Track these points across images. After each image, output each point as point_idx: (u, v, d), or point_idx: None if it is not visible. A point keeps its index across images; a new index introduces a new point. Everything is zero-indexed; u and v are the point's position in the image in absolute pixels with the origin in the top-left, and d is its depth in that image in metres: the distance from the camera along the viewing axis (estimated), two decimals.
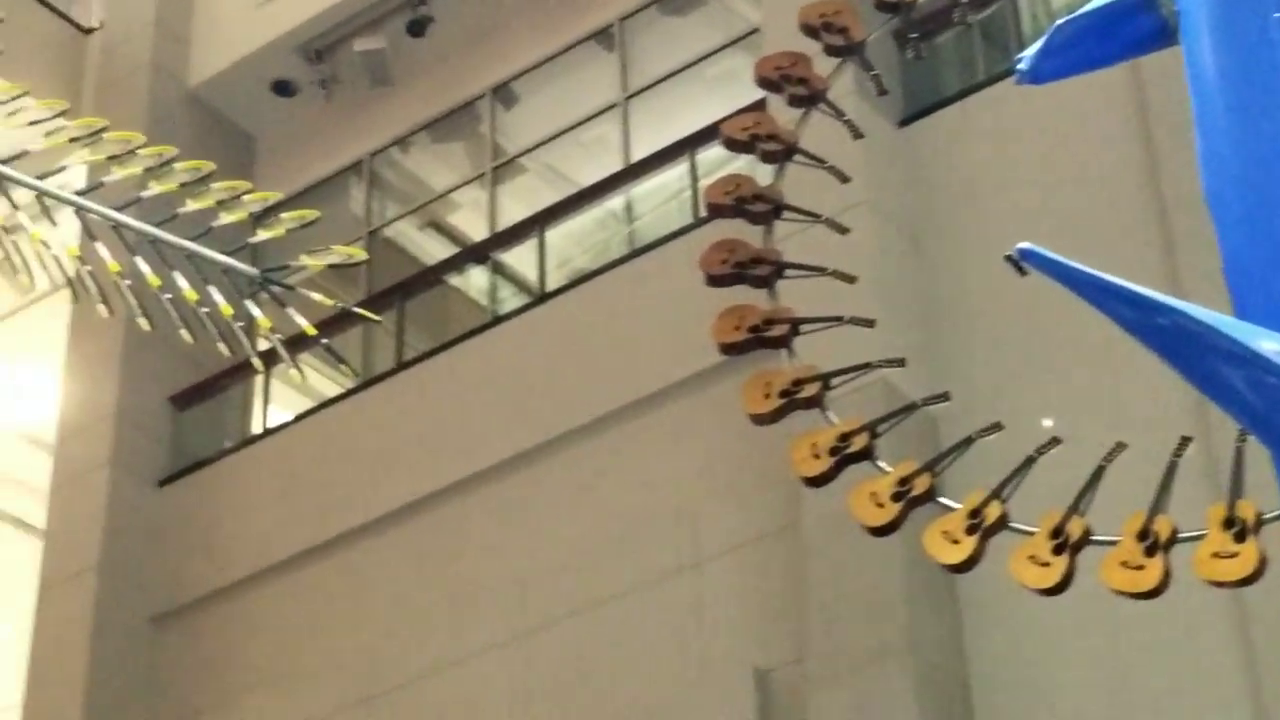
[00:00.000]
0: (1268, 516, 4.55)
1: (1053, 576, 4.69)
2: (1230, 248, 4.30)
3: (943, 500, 4.98)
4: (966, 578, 5.78)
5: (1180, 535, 4.62)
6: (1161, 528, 4.63)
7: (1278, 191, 4.16)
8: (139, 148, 6.69)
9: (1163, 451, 4.83)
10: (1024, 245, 4.04)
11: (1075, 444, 5.12)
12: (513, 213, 15.66)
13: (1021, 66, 5.18)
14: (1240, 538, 4.52)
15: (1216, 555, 4.54)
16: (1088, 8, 5.05)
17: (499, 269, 15.36)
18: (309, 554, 14.17)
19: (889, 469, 5.02)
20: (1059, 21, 5.12)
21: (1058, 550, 4.71)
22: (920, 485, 4.94)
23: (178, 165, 6.69)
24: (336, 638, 13.74)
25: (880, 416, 5.19)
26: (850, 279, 5.68)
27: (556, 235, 14.92)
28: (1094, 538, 4.74)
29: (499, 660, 12.65)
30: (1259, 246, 4.21)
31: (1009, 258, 4.05)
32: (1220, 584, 4.56)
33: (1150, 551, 4.60)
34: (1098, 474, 4.80)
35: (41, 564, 15.19)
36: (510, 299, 15.13)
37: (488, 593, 13.02)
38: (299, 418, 15.14)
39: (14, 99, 6.68)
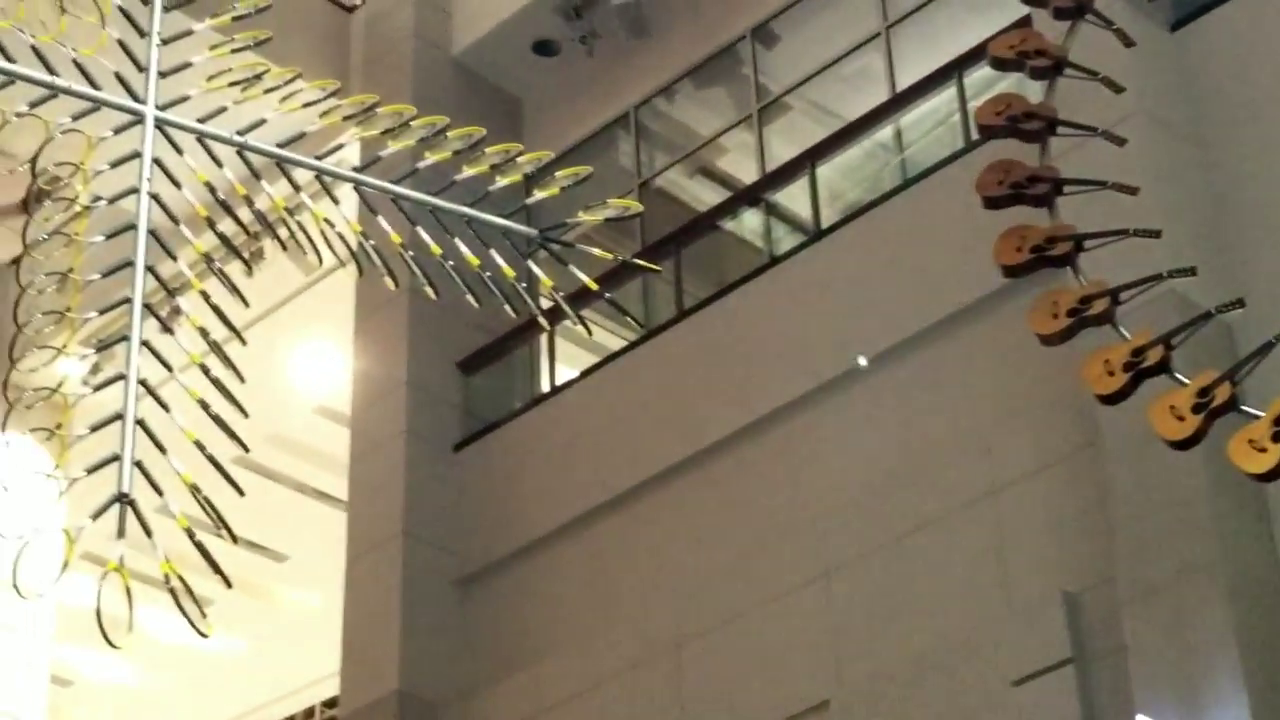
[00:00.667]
0: None
1: None
2: None
3: (1246, 409, 4.86)
4: (1276, 486, 5.64)
5: None
6: None
7: None
8: (411, 120, 6.78)
9: None
10: None
11: None
12: (781, 152, 15.59)
13: None
14: None
15: None
16: None
17: (772, 209, 15.32)
18: (604, 508, 14.31)
19: (1187, 381, 4.91)
20: None
21: None
22: (1221, 395, 4.83)
23: (449, 134, 6.77)
24: (637, 589, 13.87)
25: (1174, 328, 5.07)
26: (1132, 190, 5.56)
27: (827, 170, 14.82)
28: None
29: (801, 602, 12.65)
30: None
31: None
32: None
33: None
34: None
35: (347, 535, 15.56)
36: (785, 238, 15.08)
37: (785, 535, 13.03)
38: (585, 374, 15.27)
39: (288, 83, 6.81)
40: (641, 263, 7.55)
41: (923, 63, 14.58)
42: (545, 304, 7.35)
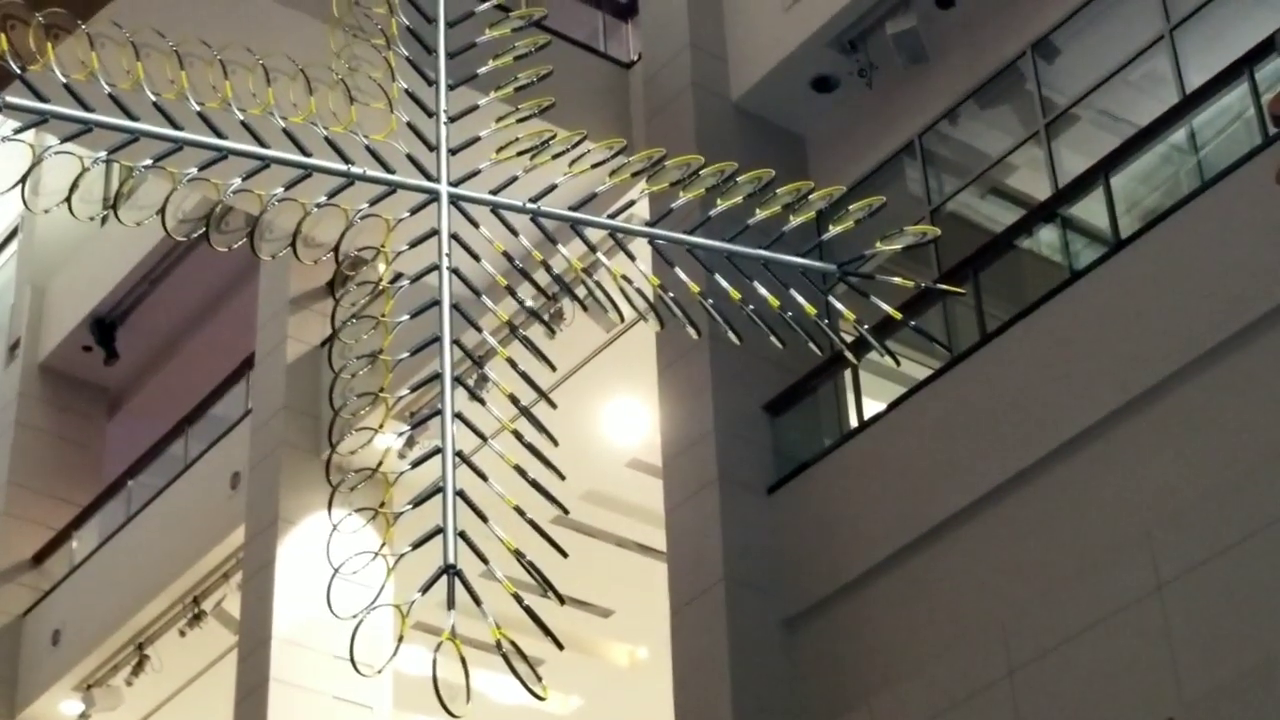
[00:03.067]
0: None
1: None
2: None
3: None
4: None
5: None
6: None
7: None
8: (700, 169, 6.84)
9: None
10: None
11: None
12: (1072, 164, 15.39)
13: None
14: None
15: None
16: None
17: (1068, 223, 15.10)
18: (923, 539, 14.20)
19: None
20: None
21: None
22: None
23: (739, 178, 6.81)
24: (963, 619, 13.73)
25: None
26: None
27: (1121, 179, 14.58)
28: None
29: (1135, 618, 12.41)
30: None
31: None
32: None
33: None
34: None
35: (669, 585, 15.66)
36: (1083, 251, 14.86)
37: (1111, 550, 12.79)
38: (892, 406, 15.19)
39: (574, 145, 6.92)
40: (944, 287, 7.50)
41: (1210, 61, 14.29)
42: (847, 338, 7.34)
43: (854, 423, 15.55)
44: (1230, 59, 13.72)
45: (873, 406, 15.51)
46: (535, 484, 6.42)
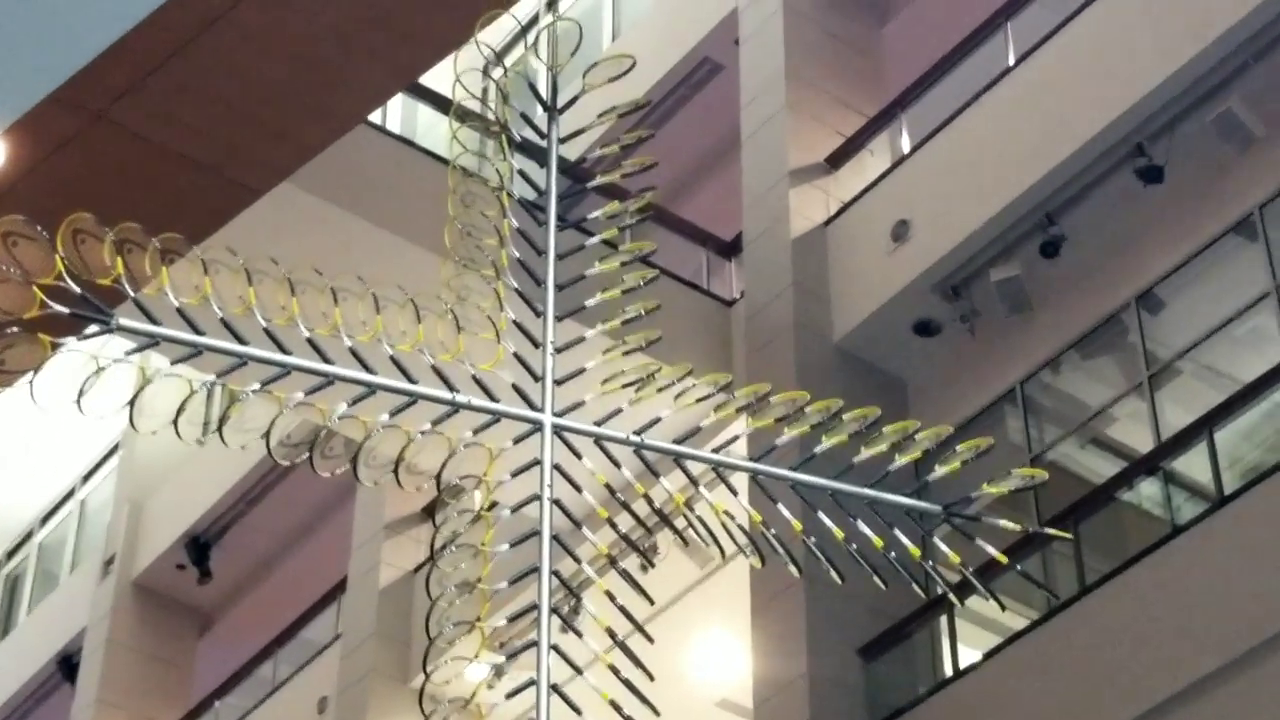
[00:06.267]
0: None
1: None
2: None
3: None
4: None
5: None
6: None
7: None
8: (805, 405, 6.83)
9: None
10: None
11: None
12: (1174, 418, 15.29)
13: None
14: None
15: None
16: None
17: (1170, 478, 14.97)
18: None
19: None
20: None
21: None
22: None
23: (845, 416, 6.80)
24: None
25: None
26: None
27: (1225, 434, 14.47)
28: None
29: None
30: None
31: None
32: None
33: None
34: None
35: None
36: (1184, 506, 14.71)
37: None
38: (989, 655, 14.99)
39: (679, 379, 6.94)
40: (1051, 531, 7.45)
41: None
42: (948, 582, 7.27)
43: (949, 670, 15.34)
44: None
45: (968, 655, 15.30)
46: (628, 719, 6.35)
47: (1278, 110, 15.20)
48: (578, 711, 6.06)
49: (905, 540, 6.74)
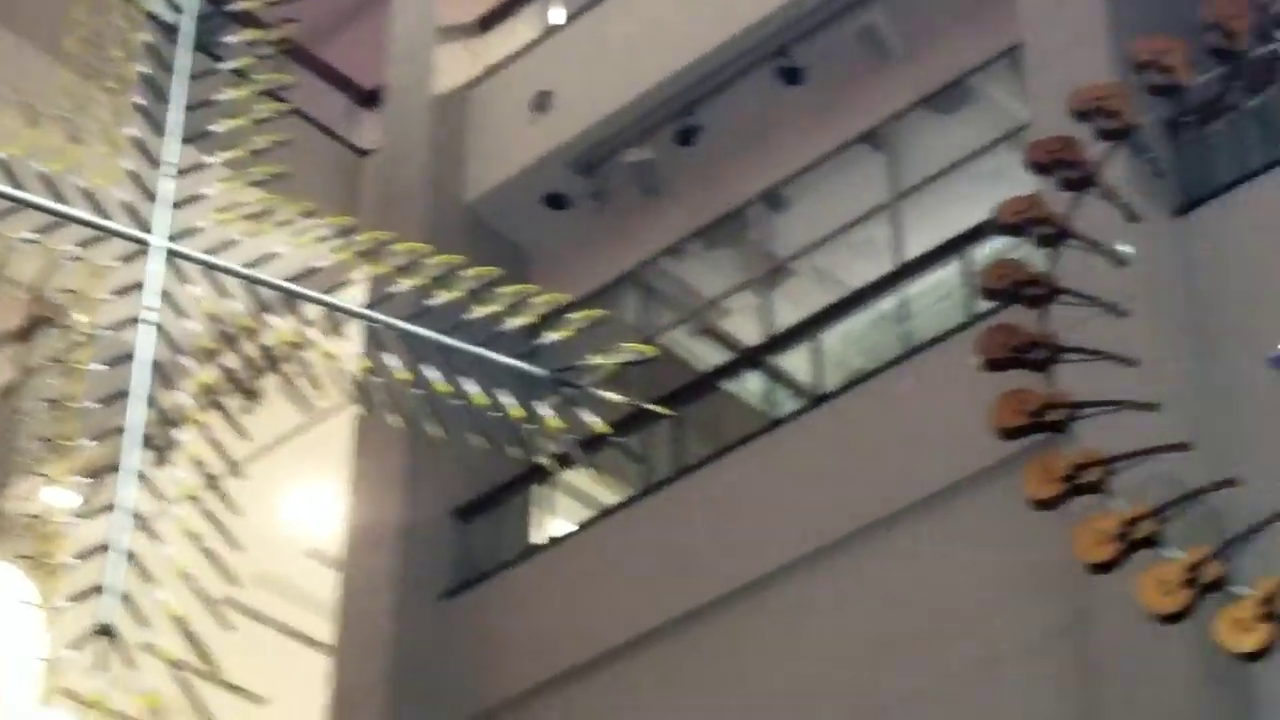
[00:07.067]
0: None
1: None
2: None
3: (1233, 588, 4.85)
4: (1267, 672, 5.60)
5: None
6: None
7: None
8: (424, 257, 6.79)
9: None
10: None
11: None
12: (786, 316, 15.66)
13: None
14: None
15: None
16: None
17: (774, 373, 15.34)
18: (593, 664, 14.19)
19: (1178, 555, 4.92)
20: None
21: None
22: (1211, 571, 4.84)
23: (463, 273, 6.78)
24: None
25: (1167, 501, 5.09)
26: (1132, 362, 5.59)
27: (831, 337, 14.87)
28: None
29: None
30: None
31: (1271, 359, 3.78)
32: None
33: None
34: None
35: (333, 681, 15.42)
36: (786, 403, 15.10)
37: (775, 702, 12.92)
38: (581, 527, 15.22)
39: (301, 218, 6.83)
40: (653, 407, 7.54)
41: (929, 235, 14.68)
42: (551, 450, 7.31)
43: (541, 539, 15.54)
44: (950, 234, 14.09)
45: (564, 527, 15.52)
46: (209, 552, 6.26)
47: (919, 31, 15.55)
48: (156, 539, 5.96)
49: (510, 400, 6.75)
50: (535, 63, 17.57)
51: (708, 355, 16.61)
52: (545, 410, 6.75)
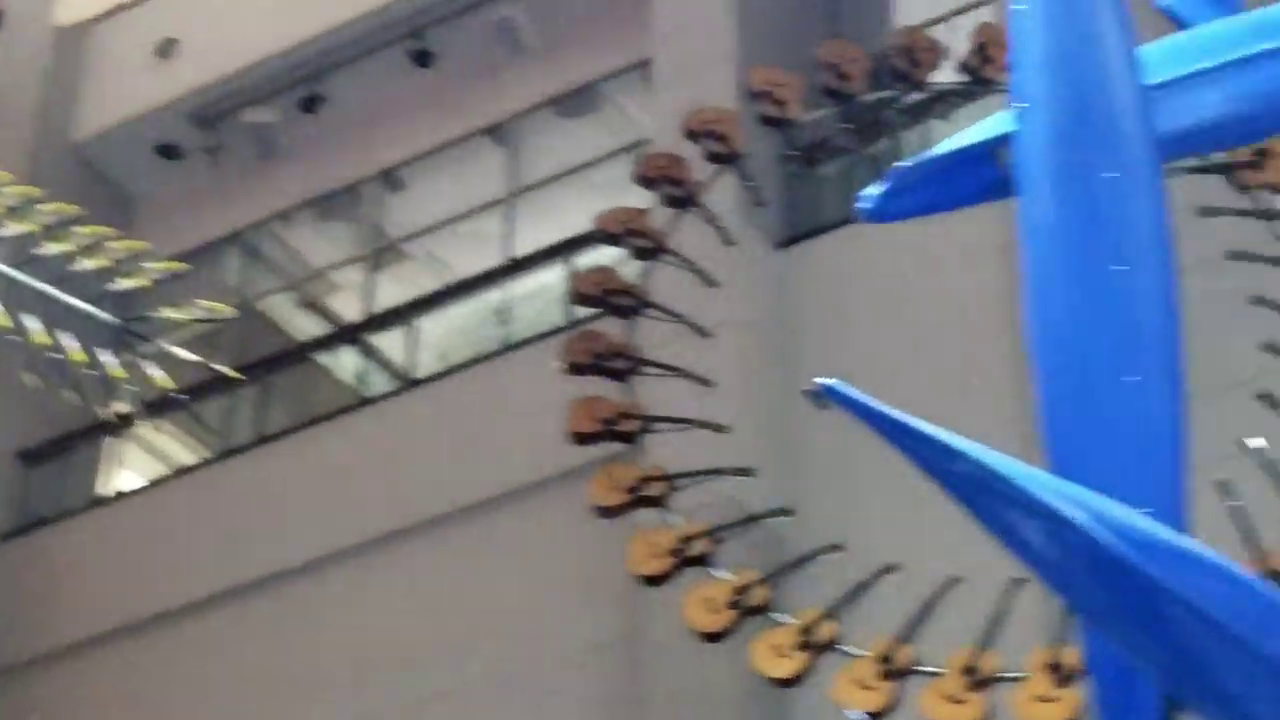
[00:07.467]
0: None
1: (876, 701, 4.69)
2: (1047, 400, 4.12)
3: (777, 615, 4.97)
4: (804, 696, 5.75)
5: (1005, 674, 4.64)
6: (987, 664, 4.65)
7: (1098, 344, 3.98)
8: (2, 185, 6.54)
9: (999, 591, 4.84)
10: (825, 381, 3.76)
11: (913, 574, 5.13)
12: (392, 297, 15.58)
13: (864, 205, 4.99)
14: (1064, 683, 4.54)
15: (1038, 698, 4.55)
16: (928, 155, 4.90)
17: (371, 353, 15.25)
18: (151, 622, 13.91)
19: (728, 576, 5.01)
20: (899, 165, 4.96)
21: (885, 676, 4.71)
22: (757, 596, 4.94)
23: (42, 207, 6.54)
24: (174, 710, 13.49)
25: (724, 523, 5.19)
26: (708, 383, 5.69)
27: (438, 327, 14.84)
28: (920, 667, 4.75)
29: None
30: (1075, 404, 4.02)
31: (807, 392, 3.80)
32: None
33: (974, 687, 4.61)
34: (929, 606, 4.81)
35: None
36: (381, 384, 15.02)
37: (328, 677, 12.84)
38: (152, 484, 14.92)
39: None
40: (222, 368, 7.37)
41: (542, 234, 14.75)
42: (124, 405, 7.12)
43: (108, 492, 15.18)
44: (564, 236, 14.16)
45: (135, 482, 15.20)
46: None
47: (558, 32, 15.60)
48: None
49: (72, 343, 6.51)
50: (166, 7, 17.14)
51: (309, 327, 16.42)
52: (109, 359, 6.53)
